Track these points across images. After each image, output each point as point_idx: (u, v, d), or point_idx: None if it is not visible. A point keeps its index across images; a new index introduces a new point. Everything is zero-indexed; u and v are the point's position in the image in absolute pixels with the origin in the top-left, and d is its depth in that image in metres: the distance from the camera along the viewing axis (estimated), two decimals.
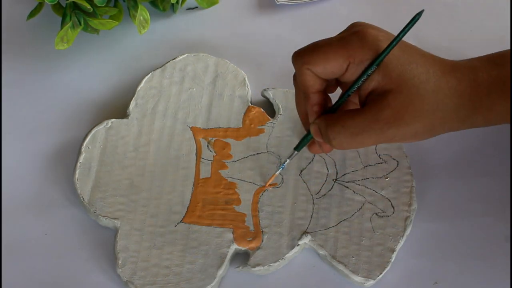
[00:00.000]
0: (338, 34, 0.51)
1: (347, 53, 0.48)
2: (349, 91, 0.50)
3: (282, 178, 0.58)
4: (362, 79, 0.48)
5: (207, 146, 0.60)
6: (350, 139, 0.48)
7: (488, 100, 0.49)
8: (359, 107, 0.50)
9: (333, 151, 0.59)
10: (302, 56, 0.50)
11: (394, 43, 0.48)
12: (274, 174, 0.57)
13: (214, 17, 0.68)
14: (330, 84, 0.52)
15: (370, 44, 0.48)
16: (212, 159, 0.59)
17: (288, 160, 0.56)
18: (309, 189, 0.57)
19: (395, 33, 0.48)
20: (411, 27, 0.48)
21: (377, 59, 0.48)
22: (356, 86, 0.49)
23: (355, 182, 0.57)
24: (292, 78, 0.64)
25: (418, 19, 0.48)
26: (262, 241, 0.55)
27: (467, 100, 0.48)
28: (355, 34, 0.49)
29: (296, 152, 0.55)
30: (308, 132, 0.53)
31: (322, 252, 0.55)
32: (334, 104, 0.51)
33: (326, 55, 0.49)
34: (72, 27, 0.60)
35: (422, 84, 0.47)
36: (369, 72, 0.48)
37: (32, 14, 0.63)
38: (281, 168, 0.56)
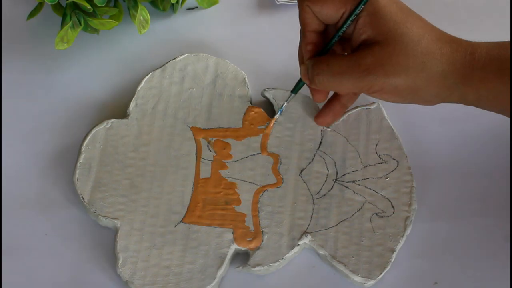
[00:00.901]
0: None
1: (345, 0, 0.51)
2: (337, 33, 0.52)
3: (282, 178, 0.58)
4: (349, 21, 0.51)
5: (207, 146, 0.60)
6: (331, 78, 0.51)
7: (482, 73, 0.50)
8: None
9: (334, 151, 0.59)
10: None
11: None
12: (274, 118, 0.59)
13: (214, 17, 0.68)
14: (330, 34, 0.54)
15: None
16: (212, 159, 0.59)
17: (285, 103, 0.58)
18: (309, 189, 0.57)
19: None
20: None
21: (359, 4, 0.50)
22: (344, 28, 0.51)
23: (355, 182, 0.57)
24: (290, 78, 0.64)
25: None
26: (262, 241, 0.55)
27: (458, 68, 0.50)
28: None
29: (293, 94, 0.57)
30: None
31: (322, 252, 0.55)
32: (325, 47, 0.54)
33: None
34: (72, 27, 0.60)
35: (412, 42, 0.49)
36: (356, 13, 0.50)
37: (32, 14, 0.63)
38: (280, 112, 0.58)
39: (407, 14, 0.51)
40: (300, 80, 0.56)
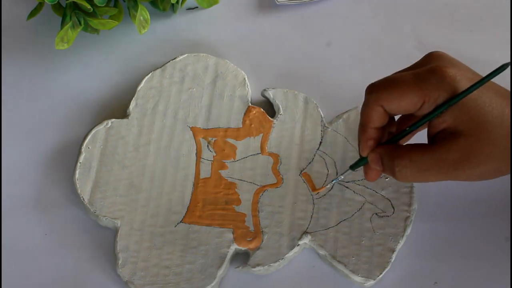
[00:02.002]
0: (413, 68, 0.50)
1: (423, 92, 0.47)
2: (414, 127, 0.49)
3: (282, 178, 0.58)
4: (430, 117, 0.48)
5: (207, 146, 0.60)
6: (417, 174, 0.48)
7: None
8: (426, 142, 0.50)
9: (334, 151, 0.59)
10: (378, 91, 0.49)
11: (472, 89, 0.46)
12: (324, 186, 0.57)
13: (214, 17, 0.68)
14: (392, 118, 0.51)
15: (447, 85, 0.47)
16: (212, 159, 0.59)
17: (342, 177, 0.55)
18: (309, 189, 0.57)
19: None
20: (494, 76, 0.47)
21: (452, 99, 0.47)
22: (423, 123, 0.48)
23: (355, 182, 0.57)
24: (290, 78, 0.64)
25: (503, 70, 0.47)
26: (262, 241, 0.55)
27: None
28: (433, 72, 0.47)
29: (350, 170, 0.54)
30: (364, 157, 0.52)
31: (322, 252, 0.55)
32: (395, 135, 0.50)
33: (402, 93, 0.48)
34: (72, 27, 0.60)
35: (495, 129, 0.47)
36: (440, 111, 0.47)
37: (32, 14, 0.63)
38: (334, 182, 0.56)
39: (485, 93, 0.47)
40: (361, 160, 0.52)
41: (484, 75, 0.48)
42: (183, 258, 0.55)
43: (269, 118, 0.61)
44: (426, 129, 0.50)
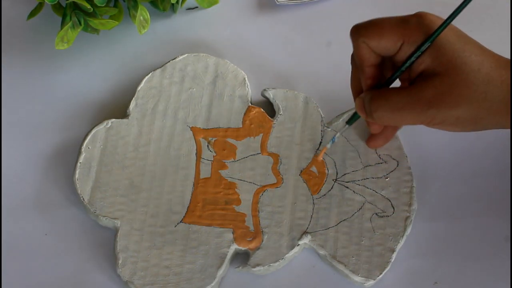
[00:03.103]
0: (400, 15, 0.52)
1: (403, 31, 0.49)
2: (400, 69, 0.50)
3: (282, 178, 0.58)
4: (414, 57, 0.49)
5: (207, 146, 0.60)
6: (391, 114, 0.50)
7: None
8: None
9: (334, 151, 0.59)
10: (358, 30, 0.51)
11: (448, 21, 0.48)
12: (325, 147, 0.58)
13: (214, 17, 0.68)
14: (386, 64, 0.53)
15: (426, 27, 0.49)
16: (212, 159, 0.59)
17: (338, 134, 0.57)
18: (309, 189, 0.57)
19: None
20: (464, 7, 0.49)
21: (430, 37, 0.48)
22: (407, 64, 0.50)
23: (355, 182, 0.57)
24: (290, 78, 0.64)
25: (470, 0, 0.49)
26: (262, 241, 0.55)
27: None
28: (415, 16, 0.50)
29: (347, 125, 0.56)
30: None
31: (322, 252, 0.55)
32: (385, 81, 0.52)
33: (382, 30, 0.50)
34: (72, 27, 0.60)
35: (472, 72, 0.48)
36: (421, 49, 0.49)
37: (32, 14, 0.63)
38: (332, 142, 0.57)
39: (465, 42, 0.49)
40: (355, 113, 0.55)
41: None
42: (183, 258, 0.55)
43: (269, 118, 0.61)
44: None
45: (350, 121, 0.56)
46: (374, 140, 0.58)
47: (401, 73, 0.51)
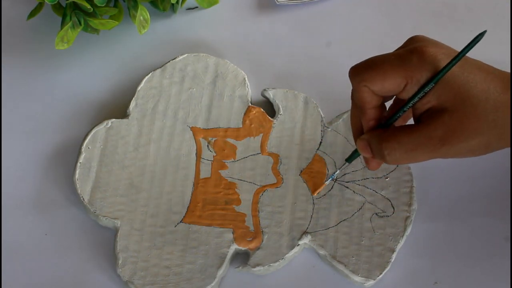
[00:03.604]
0: (396, 50, 0.50)
1: (405, 72, 0.47)
2: (403, 109, 0.49)
3: (282, 178, 0.58)
4: (417, 98, 0.48)
5: (207, 146, 0.60)
6: (405, 155, 0.48)
7: None
8: (413, 122, 0.50)
9: (334, 151, 0.59)
10: (359, 73, 0.49)
11: (453, 62, 0.46)
12: (324, 184, 0.56)
13: (214, 17, 0.68)
14: (386, 99, 0.51)
15: (428, 64, 0.47)
16: (212, 159, 0.59)
17: (338, 171, 0.55)
18: (309, 189, 0.57)
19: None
20: (472, 47, 0.47)
21: (434, 78, 0.47)
22: (410, 104, 0.48)
23: (355, 182, 0.57)
24: (290, 78, 0.64)
25: (479, 39, 0.47)
26: (262, 241, 0.55)
27: None
28: (414, 52, 0.48)
29: (347, 163, 0.54)
30: None
31: (322, 252, 0.55)
32: (387, 120, 0.50)
33: (384, 73, 0.48)
34: (72, 27, 0.60)
35: (480, 103, 0.46)
36: (425, 90, 0.47)
37: (32, 14, 0.63)
38: (331, 178, 0.56)
39: (468, 70, 0.47)
40: (355, 151, 0.53)
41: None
42: (183, 258, 0.55)
43: (269, 118, 0.61)
44: None
45: (349, 159, 0.54)
46: (367, 162, 0.54)
47: (404, 112, 0.50)
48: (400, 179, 0.57)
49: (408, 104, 0.48)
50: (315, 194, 0.57)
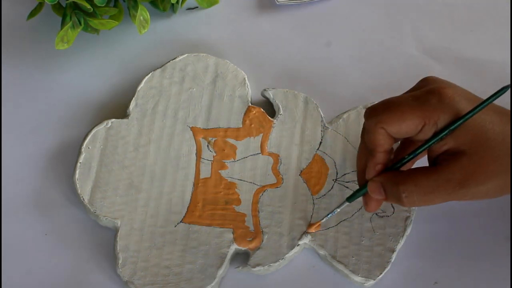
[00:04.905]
0: (411, 91, 0.49)
1: (424, 114, 0.47)
2: (416, 152, 0.49)
3: (282, 178, 0.58)
4: (433, 142, 0.47)
5: (207, 146, 0.60)
6: (423, 197, 0.47)
7: None
8: (427, 165, 0.49)
9: (334, 151, 0.59)
10: (376, 114, 0.48)
11: (478, 109, 0.46)
12: (320, 221, 0.55)
13: (214, 17, 0.68)
14: (396, 141, 0.51)
15: (447, 106, 0.47)
16: (212, 159, 0.59)
17: (338, 210, 0.54)
18: (309, 189, 0.57)
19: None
20: (495, 99, 0.47)
21: (456, 122, 0.46)
22: (425, 147, 0.48)
23: (355, 182, 0.57)
24: (290, 78, 0.64)
25: (504, 92, 0.46)
26: (262, 241, 0.55)
27: None
28: (431, 93, 0.47)
29: (347, 202, 0.53)
30: (364, 186, 0.51)
31: (322, 252, 0.55)
32: (397, 162, 0.49)
33: (402, 115, 0.47)
34: (72, 27, 0.60)
35: (498, 145, 0.46)
36: (442, 135, 0.47)
37: (32, 14, 0.63)
38: (329, 216, 0.55)
39: (484, 112, 0.47)
40: (358, 191, 0.51)
41: (483, 75, 0.47)
42: (183, 258, 0.55)
43: (269, 118, 0.61)
44: (426, 155, 0.50)
45: (350, 199, 0.52)
46: (367, 203, 0.53)
47: (416, 155, 0.49)
48: None
49: (422, 147, 0.48)
50: (310, 231, 0.55)
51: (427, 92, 0.47)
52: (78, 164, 0.58)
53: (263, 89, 0.62)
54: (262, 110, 0.61)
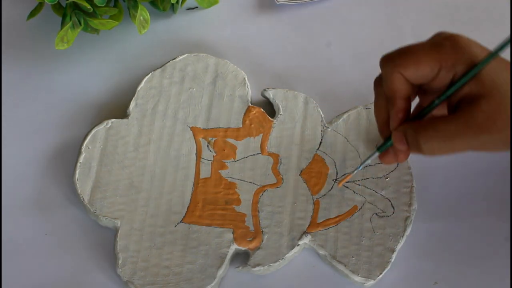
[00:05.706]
0: (427, 40, 0.49)
1: (440, 56, 0.47)
2: (438, 99, 0.48)
3: (282, 178, 0.58)
4: (454, 89, 0.47)
5: (207, 146, 0.60)
6: (443, 143, 0.47)
7: None
8: (446, 113, 0.49)
9: (334, 151, 0.59)
10: (393, 59, 0.48)
11: (494, 53, 0.46)
12: (350, 173, 0.55)
13: (214, 17, 0.68)
14: (414, 91, 0.50)
15: (463, 48, 0.47)
16: (212, 159, 0.59)
17: (368, 161, 0.53)
18: (309, 189, 0.57)
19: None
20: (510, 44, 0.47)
21: (472, 70, 0.46)
22: (447, 95, 0.48)
23: (355, 182, 0.57)
24: (290, 78, 0.64)
25: None
26: (262, 241, 0.55)
27: None
28: (447, 39, 0.48)
29: (377, 152, 0.52)
30: (389, 138, 0.51)
31: (322, 252, 0.55)
32: (421, 111, 0.49)
33: (418, 57, 0.47)
34: (72, 27, 0.60)
35: (507, 93, 0.46)
36: (463, 82, 0.47)
37: (32, 14, 0.63)
38: (360, 168, 0.54)
39: (498, 61, 0.47)
40: (387, 140, 0.51)
41: None
42: (183, 258, 0.55)
43: (269, 118, 0.61)
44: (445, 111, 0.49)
45: (380, 149, 0.52)
46: (389, 157, 0.53)
47: (440, 102, 0.49)
48: (400, 179, 0.57)
49: (444, 94, 0.48)
50: (340, 186, 0.56)
51: (442, 38, 0.48)
52: (78, 164, 0.58)
53: (263, 89, 0.62)
54: (262, 110, 0.61)
